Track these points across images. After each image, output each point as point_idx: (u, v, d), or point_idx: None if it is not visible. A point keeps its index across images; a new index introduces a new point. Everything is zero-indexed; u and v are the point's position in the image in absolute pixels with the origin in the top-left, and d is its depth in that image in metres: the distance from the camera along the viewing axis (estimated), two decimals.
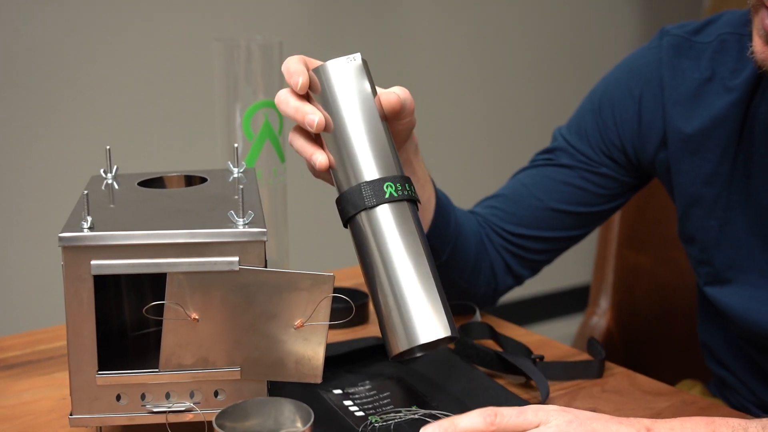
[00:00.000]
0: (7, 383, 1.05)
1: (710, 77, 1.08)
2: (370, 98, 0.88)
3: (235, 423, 0.76)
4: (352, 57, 0.88)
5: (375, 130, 0.87)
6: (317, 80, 0.87)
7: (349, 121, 0.86)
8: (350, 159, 0.85)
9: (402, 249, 0.82)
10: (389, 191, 0.84)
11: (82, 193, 0.84)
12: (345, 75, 0.87)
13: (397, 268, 0.82)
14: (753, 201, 1.06)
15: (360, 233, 0.84)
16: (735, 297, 1.09)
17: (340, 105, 0.86)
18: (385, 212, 0.83)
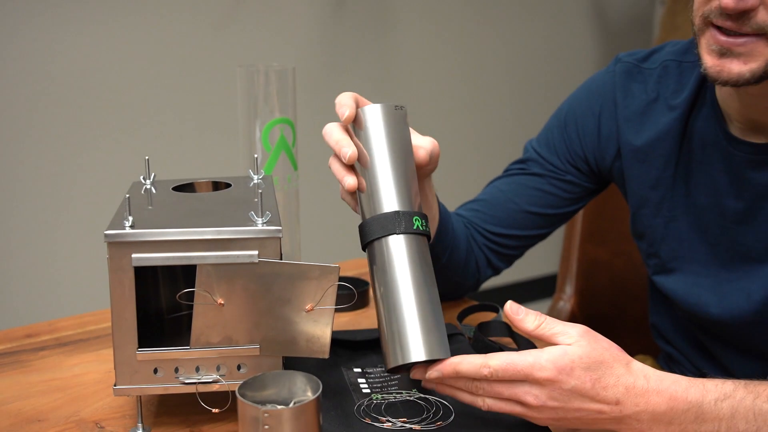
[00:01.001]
0: (60, 358, 1.05)
1: (656, 98, 1.08)
2: (409, 142, 0.89)
3: (255, 392, 0.76)
4: (400, 106, 0.88)
5: (410, 169, 0.87)
6: (364, 117, 0.87)
7: (391, 156, 0.86)
8: (386, 189, 0.85)
9: (415, 276, 0.82)
10: (417, 224, 0.84)
11: (124, 197, 0.84)
12: (393, 118, 0.88)
13: (407, 291, 0.81)
14: (692, 201, 1.06)
15: (382, 254, 0.83)
16: (679, 284, 1.09)
17: (385, 142, 0.87)
18: (410, 241, 0.83)
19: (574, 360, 0.77)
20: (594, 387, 0.77)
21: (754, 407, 0.77)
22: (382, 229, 0.83)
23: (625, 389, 0.78)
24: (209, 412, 0.87)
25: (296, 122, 1.16)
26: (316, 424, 0.73)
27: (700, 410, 0.78)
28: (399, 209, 0.84)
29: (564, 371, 0.77)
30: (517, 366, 0.77)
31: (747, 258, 1.03)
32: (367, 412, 0.88)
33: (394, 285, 0.82)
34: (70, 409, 0.92)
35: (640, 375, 0.79)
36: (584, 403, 0.77)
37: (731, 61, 0.89)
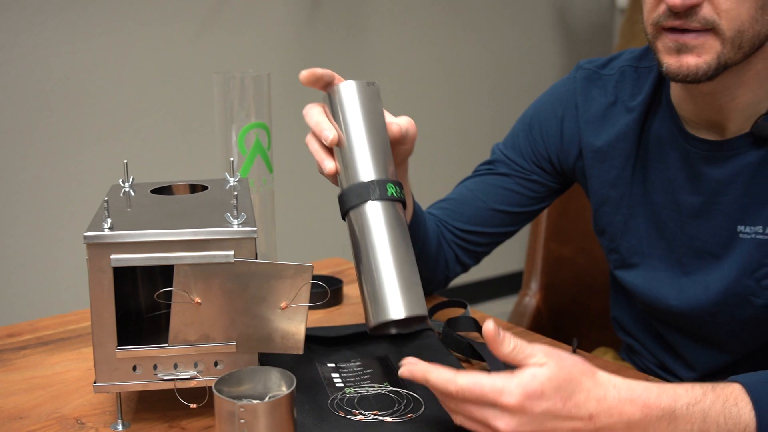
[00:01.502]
0: (42, 357, 1.04)
1: (614, 101, 1.09)
2: (382, 116, 0.89)
3: (232, 388, 0.75)
4: (372, 82, 0.89)
5: (384, 141, 0.88)
6: (339, 92, 0.88)
7: (366, 129, 0.87)
8: (362, 160, 0.86)
9: (391, 239, 0.82)
10: (391, 191, 0.84)
11: (103, 199, 0.83)
12: (366, 94, 0.88)
13: (384, 253, 0.82)
14: (649, 199, 1.07)
15: (360, 220, 0.84)
16: (638, 278, 1.10)
17: (360, 116, 0.87)
18: (386, 207, 0.84)
19: (543, 382, 0.73)
20: (566, 406, 0.74)
21: (724, 411, 0.76)
22: (359, 197, 0.84)
23: (597, 402, 0.75)
24: (187, 407, 0.86)
25: (271, 126, 1.16)
26: (290, 418, 0.73)
27: (674, 416, 0.76)
28: (375, 178, 0.84)
29: (533, 396, 0.73)
30: (484, 389, 0.74)
31: (703, 252, 1.04)
32: (340, 405, 0.88)
33: (372, 248, 0.82)
34: (51, 407, 0.91)
35: (610, 386, 0.76)
36: (557, 422, 0.74)
37: (687, 56, 0.91)
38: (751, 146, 0.98)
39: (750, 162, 0.98)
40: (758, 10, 0.89)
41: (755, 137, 0.97)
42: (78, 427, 0.87)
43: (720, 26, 0.89)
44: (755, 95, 0.96)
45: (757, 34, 0.90)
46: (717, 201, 1.01)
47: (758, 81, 0.96)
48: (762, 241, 0.98)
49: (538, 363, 0.75)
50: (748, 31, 0.89)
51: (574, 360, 0.77)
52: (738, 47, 0.90)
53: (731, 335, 1.05)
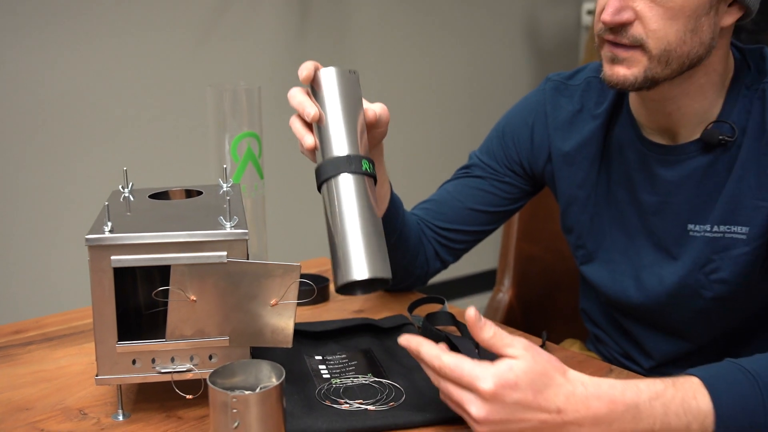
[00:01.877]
0: (47, 352, 1.04)
1: (580, 109, 1.10)
2: (360, 100, 0.90)
3: (225, 380, 0.75)
4: (353, 70, 0.90)
5: (360, 123, 0.88)
6: (321, 77, 0.89)
7: (344, 109, 0.87)
8: (338, 136, 0.86)
9: (360, 208, 0.82)
10: (365, 166, 0.84)
11: (104, 204, 0.83)
12: (346, 79, 0.89)
13: (352, 220, 0.81)
14: (613, 198, 1.08)
15: (333, 191, 0.83)
16: (602, 272, 1.11)
17: (338, 98, 0.88)
18: (357, 179, 0.83)
19: (518, 375, 0.74)
20: (536, 398, 0.74)
21: (684, 404, 0.76)
22: (334, 169, 0.84)
23: (566, 398, 0.75)
24: (183, 398, 0.86)
25: (262, 135, 1.16)
26: (279, 408, 0.73)
27: (637, 410, 0.76)
28: (350, 153, 0.85)
29: (507, 386, 0.74)
30: (463, 371, 0.75)
31: (660, 246, 1.05)
32: (327, 395, 0.88)
33: (342, 216, 0.82)
34: (56, 398, 0.91)
35: (578, 383, 0.76)
36: (527, 413, 0.74)
37: (619, 67, 0.93)
38: (701, 151, 0.99)
39: (699, 165, 0.99)
40: (687, 32, 0.90)
41: (704, 143, 0.98)
42: (81, 418, 0.86)
43: (647, 44, 0.91)
44: (701, 106, 0.98)
45: (686, 54, 0.91)
46: (670, 200, 1.02)
47: (702, 93, 0.97)
48: (710, 239, 0.99)
49: (514, 355, 0.76)
50: (675, 50, 0.91)
51: (549, 357, 0.78)
52: (666, 64, 0.91)
53: (685, 326, 1.06)
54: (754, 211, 0.95)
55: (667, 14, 0.89)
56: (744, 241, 0.97)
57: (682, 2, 0.88)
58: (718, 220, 0.98)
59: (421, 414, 0.84)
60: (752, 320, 1.05)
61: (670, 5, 0.89)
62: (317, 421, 0.82)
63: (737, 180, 0.96)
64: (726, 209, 0.97)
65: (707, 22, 0.91)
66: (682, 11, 0.89)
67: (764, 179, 0.94)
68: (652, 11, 0.89)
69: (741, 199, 0.96)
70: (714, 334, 1.06)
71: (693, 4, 0.89)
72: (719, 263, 0.99)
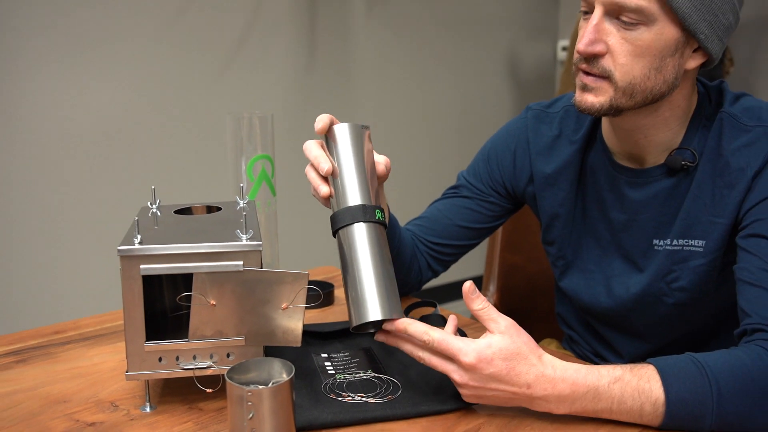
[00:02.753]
0: (83, 350, 1.03)
1: (559, 135, 1.10)
2: (371, 153, 0.89)
3: (241, 375, 0.75)
4: (365, 125, 0.89)
5: (371, 174, 0.88)
6: (335, 132, 0.88)
7: (357, 162, 0.87)
8: (352, 187, 0.85)
9: (373, 254, 0.82)
10: (378, 215, 0.84)
11: (134, 219, 0.83)
12: (359, 134, 0.88)
13: (366, 266, 0.81)
14: (588, 215, 1.08)
15: (349, 238, 0.83)
16: (578, 281, 1.11)
17: (352, 151, 0.87)
18: (371, 227, 0.83)
19: (495, 351, 0.78)
20: (509, 374, 0.78)
21: (638, 387, 0.78)
22: (349, 218, 0.83)
23: (536, 376, 0.78)
24: (204, 391, 0.86)
25: (274, 158, 1.16)
26: (290, 401, 0.73)
27: (597, 392, 0.78)
28: (363, 203, 0.84)
29: (484, 360, 0.77)
30: (449, 344, 0.78)
31: (628, 259, 1.05)
32: (332, 389, 0.88)
33: (357, 261, 0.82)
34: (90, 392, 0.90)
35: (549, 365, 0.79)
36: (500, 385, 0.78)
37: (588, 94, 0.94)
38: (665, 175, 0.99)
39: (663, 187, 0.99)
40: (652, 70, 0.90)
41: (668, 168, 0.98)
42: (112, 409, 0.86)
43: (614, 76, 0.91)
44: (665, 135, 0.98)
45: (649, 89, 0.91)
46: (637, 218, 1.02)
47: (667, 125, 0.97)
48: (671, 252, 0.99)
49: (496, 331, 0.79)
50: (639, 85, 0.91)
51: (527, 339, 0.81)
52: (630, 96, 0.91)
53: (649, 328, 1.06)
54: (710, 227, 0.95)
55: (635, 51, 0.89)
56: (701, 254, 0.97)
57: (649, 42, 0.89)
58: (678, 234, 0.98)
59: (416, 406, 0.84)
60: (709, 323, 1.05)
61: (638, 43, 0.89)
62: (323, 412, 0.81)
63: (693, 199, 0.96)
64: (684, 225, 0.97)
65: (672, 63, 0.91)
66: (649, 50, 0.89)
67: (718, 198, 0.94)
68: (622, 47, 0.89)
69: (697, 216, 0.96)
70: (675, 336, 1.06)
71: (659, 45, 0.89)
72: (679, 273, 0.99)
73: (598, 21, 0.89)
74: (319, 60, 2.64)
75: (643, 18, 0.87)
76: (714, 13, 0.89)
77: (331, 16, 2.65)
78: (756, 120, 0.94)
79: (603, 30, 0.90)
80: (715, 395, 0.77)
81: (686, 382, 0.77)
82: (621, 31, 0.89)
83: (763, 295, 0.84)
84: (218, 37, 2.39)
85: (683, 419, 0.78)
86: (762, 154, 0.91)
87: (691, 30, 0.88)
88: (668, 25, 0.88)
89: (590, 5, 0.91)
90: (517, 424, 0.81)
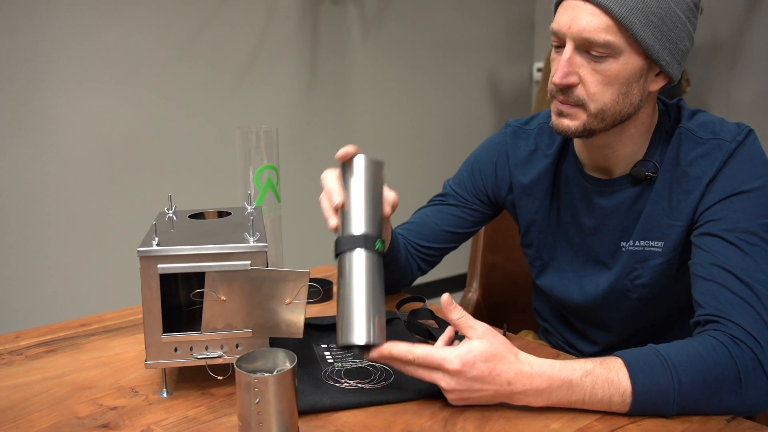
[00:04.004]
0: (106, 341, 1.03)
1: (535, 149, 1.10)
2: (381, 185, 0.87)
3: (248, 364, 0.75)
4: (380, 160, 0.87)
5: (379, 205, 0.86)
6: (353, 162, 0.86)
7: (366, 194, 0.85)
8: (358, 217, 0.83)
9: (368, 281, 0.80)
10: (378, 246, 0.83)
11: (152, 223, 0.82)
12: (373, 167, 0.86)
13: (359, 291, 0.80)
14: (561, 221, 1.08)
15: (347, 262, 0.82)
16: (553, 279, 1.11)
17: (363, 182, 0.85)
18: (369, 255, 0.82)
19: (476, 355, 0.77)
20: (491, 374, 0.77)
21: (608, 379, 0.78)
22: (351, 245, 0.82)
23: (515, 374, 0.77)
24: (215, 379, 0.86)
25: (279, 167, 1.16)
26: (292, 387, 0.73)
27: (571, 384, 0.78)
28: (366, 233, 0.83)
29: (468, 364, 0.76)
30: (433, 357, 0.77)
31: (597, 260, 1.05)
32: (330, 376, 0.87)
33: (351, 285, 0.81)
34: (113, 379, 0.90)
35: (526, 363, 0.78)
36: (483, 385, 0.77)
37: (564, 119, 0.94)
38: (630, 184, 0.99)
39: (628, 195, 0.99)
40: (620, 96, 0.90)
41: (633, 178, 0.99)
42: (133, 395, 0.86)
43: (587, 104, 0.91)
44: (631, 149, 0.98)
45: (618, 112, 0.92)
46: (606, 223, 1.02)
47: (632, 140, 0.97)
48: (634, 252, 0.99)
49: (474, 336, 0.78)
50: (610, 109, 0.91)
51: (503, 341, 0.79)
52: (601, 119, 0.92)
53: (616, 321, 1.06)
54: (668, 229, 0.95)
55: (605, 81, 0.89)
56: (660, 254, 0.97)
57: (617, 72, 0.89)
58: (639, 236, 0.98)
59: (406, 392, 0.83)
60: (669, 315, 1.05)
61: (607, 74, 0.89)
62: (323, 397, 0.81)
63: (653, 204, 0.96)
64: (645, 228, 0.97)
65: (637, 88, 0.91)
66: (617, 79, 0.89)
67: (676, 203, 0.94)
68: (593, 77, 0.89)
69: (657, 220, 0.96)
70: (639, 327, 1.06)
71: (626, 73, 0.89)
72: (641, 271, 0.99)
73: (570, 55, 0.89)
74: (320, 79, 2.64)
75: (610, 51, 0.87)
76: (673, 41, 0.89)
77: (331, 39, 2.65)
78: (710, 134, 0.94)
79: (575, 63, 0.89)
80: (676, 385, 0.77)
81: (650, 374, 0.77)
82: (591, 63, 0.89)
83: (714, 287, 0.84)
84: (229, 58, 2.39)
85: (648, 407, 0.78)
86: (716, 163, 0.92)
87: (654, 58, 0.89)
88: (633, 56, 0.88)
89: (561, 40, 0.91)
90: (499, 405, 0.81)
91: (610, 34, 0.86)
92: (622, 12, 0.85)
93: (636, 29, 0.86)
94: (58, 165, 2.10)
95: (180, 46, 2.27)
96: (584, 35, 0.87)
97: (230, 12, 2.37)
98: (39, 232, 2.10)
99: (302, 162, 2.56)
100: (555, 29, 0.91)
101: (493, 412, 0.80)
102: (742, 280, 0.83)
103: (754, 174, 0.90)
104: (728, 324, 0.81)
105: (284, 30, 2.51)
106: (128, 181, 2.22)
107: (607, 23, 0.86)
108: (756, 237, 0.86)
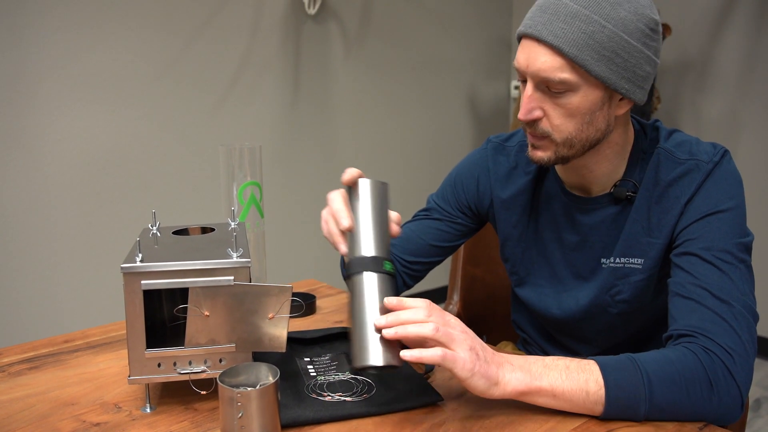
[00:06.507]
0: (90, 356, 1.02)
1: (515, 166, 1.11)
2: (387, 207, 0.86)
3: (231, 378, 0.75)
4: (385, 183, 0.87)
5: (386, 226, 0.85)
6: (358, 185, 0.85)
7: (373, 217, 0.84)
8: (367, 240, 0.83)
9: (380, 302, 0.79)
10: (387, 267, 0.82)
11: (136, 239, 0.82)
12: (378, 190, 0.86)
13: (372, 314, 0.79)
14: (539, 236, 1.09)
15: (358, 285, 0.81)
16: (532, 293, 1.11)
17: (370, 205, 0.85)
18: (381, 277, 0.81)
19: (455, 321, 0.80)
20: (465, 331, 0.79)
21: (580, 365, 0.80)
22: (361, 267, 0.81)
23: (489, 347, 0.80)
24: (199, 393, 0.85)
25: (262, 184, 1.16)
26: (275, 401, 0.72)
27: (545, 362, 0.81)
28: (376, 255, 0.82)
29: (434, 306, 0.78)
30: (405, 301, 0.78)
31: (577, 275, 1.05)
32: (313, 389, 0.87)
33: (364, 307, 0.79)
34: (96, 395, 0.89)
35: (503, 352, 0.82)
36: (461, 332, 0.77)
37: (536, 150, 0.95)
38: (611, 203, 1.00)
39: (609, 214, 1.01)
40: (584, 124, 0.91)
41: (613, 197, 1.00)
42: (116, 411, 0.85)
43: (552, 136, 0.92)
44: (607, 168, 0.99)
45: (585, 139, 0.92)
46: (587, 240, 1.03)
47: (608, 160, 0.98)
48: (614, 268, 1.00)
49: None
50: (576, 138, 0.92)
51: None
52: (570, 147, 0.93)
53: (596, 334, 1.07)
54: (648, 247, 0.97)
55: (567, 113, 0.90)
56: (640, 270, 0.98)
57: (577, 104, 0.89)
58: (620, 253, 0.99)
59: (389, 404, 0.83)
60: (648, 329, 1.06)
61: (568, 107, 0.90)
62: (306, 410, 0.81)
63: (633, 222, 0.98)
64: (625, 245, 0.99)
65: (601, 115, 0.92)
66: (578, 110, 0.90)
67: (655, 222, 0.96)
68: (555, 111, 0.90)
69: (636, 238, 0.97)
70: (618, 340, 1.07)
71: (587, 105, 0.90)
72: (621, 287, 1.00)
73: (532, 92, 0.91)
74: (303, 97, 2.65)
75: (568, 86, 0.88)
76: (631, 69, 0.89)
77: (313, 58, 2.67)
78: (688, 154, 0.96)
79: (537, 98, 0.91)
80: (646, 383, 0.78)
81: (622, 372, 0.79)
82: (552, 98, 0.90)
83: (691, 305, 0.86)
84: (213, 76, 2.39)
85: (621, 405, 0.78)
86: (693, 184, 0.93)
87: (613, 88, 0.89)
88: (591, 88, 0.89)
89: (523, 77, 0.92)
90: (478, 417, 0.81)
91: (565, 72, 0.87)
92: (573, 51, 0.86)
93: (589, 66, 0.87)
94: (42, 182, 2.08)
95: (164, 65, 2.27)
96: (541, 75, 0.88)
97: (214, 31, 2.37)
98: (24, 249, 2.08)
99: (285, 178, 2.56)
100: (516, 67, 0.92)
101: (474, 422, 0.80)
102: (718, 297, 0.84)
103: (729, 194, 0.92)
104: (701, 337, 0.82)
105: (267, 48, 2.52)
106: (113, 197, 2.20)
107: (560, 62, 0.87)
108: (730, 255, 0.87)
